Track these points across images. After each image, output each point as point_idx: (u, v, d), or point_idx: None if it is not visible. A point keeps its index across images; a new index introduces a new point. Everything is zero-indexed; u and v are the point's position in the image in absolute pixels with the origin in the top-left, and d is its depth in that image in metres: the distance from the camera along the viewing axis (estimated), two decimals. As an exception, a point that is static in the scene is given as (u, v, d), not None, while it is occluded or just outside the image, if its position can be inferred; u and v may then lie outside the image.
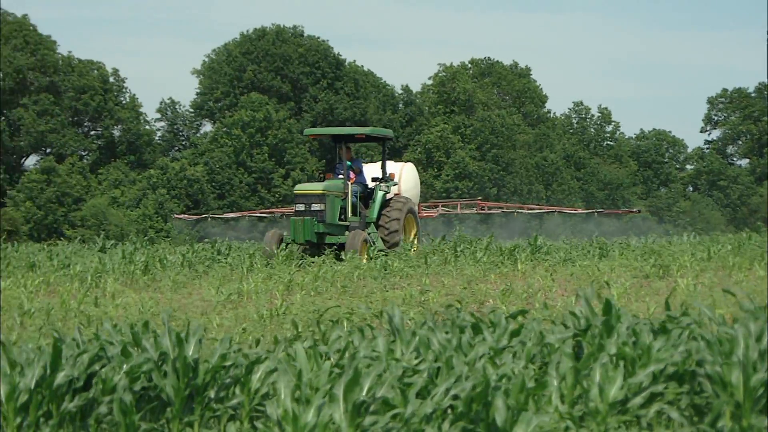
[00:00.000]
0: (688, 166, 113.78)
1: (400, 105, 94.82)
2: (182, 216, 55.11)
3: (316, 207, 26.38)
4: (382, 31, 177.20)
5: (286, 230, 27.40)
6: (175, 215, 59.74)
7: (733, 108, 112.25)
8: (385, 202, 27.59)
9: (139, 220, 73.37)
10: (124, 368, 8.65)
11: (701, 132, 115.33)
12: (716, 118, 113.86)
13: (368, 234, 26.53)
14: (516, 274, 21.46)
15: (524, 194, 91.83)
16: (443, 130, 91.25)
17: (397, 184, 28.79)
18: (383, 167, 28.21)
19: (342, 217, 26.85)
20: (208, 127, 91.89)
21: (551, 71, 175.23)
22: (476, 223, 67.79)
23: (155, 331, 9.03)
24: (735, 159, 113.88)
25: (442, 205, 46.52)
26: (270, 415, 7.62)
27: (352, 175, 27.56)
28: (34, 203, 73.20)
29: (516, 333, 9.27)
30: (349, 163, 27.63)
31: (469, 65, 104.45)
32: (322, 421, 7.29)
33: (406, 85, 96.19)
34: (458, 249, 26.18)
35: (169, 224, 68.08)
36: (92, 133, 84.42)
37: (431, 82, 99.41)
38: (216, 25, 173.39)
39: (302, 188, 27.06)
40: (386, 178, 27.80)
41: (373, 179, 27.76)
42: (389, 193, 27.81)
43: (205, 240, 33.39)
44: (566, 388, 8.26)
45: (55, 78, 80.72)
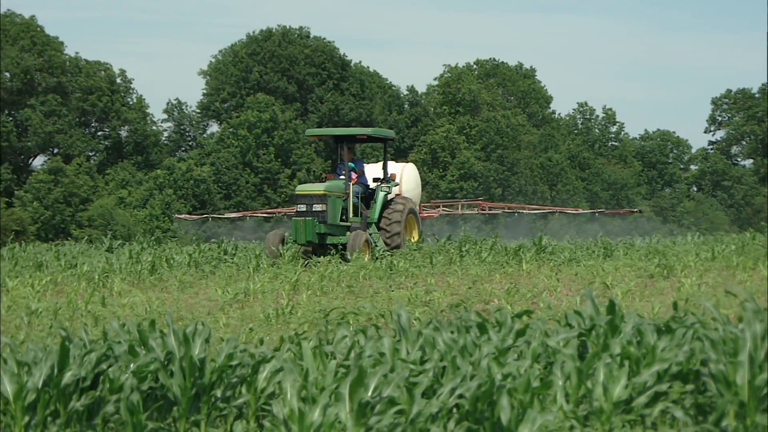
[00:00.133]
0: (693, 167, 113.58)
1: (406, 105, 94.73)
2: (183, 216, 55.08)
3: (317, 207, 26.27)
4: (388, 32, 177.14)
5: (289, 230, 27.32)
6: (176, 215, 59.78)
7: (737, 108, 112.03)
8: (387, 203, 27.49)
9: (146, 220, 73.42)
10: (131, 368, 8.68)
11: (705, 132, 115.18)
12: (720, 118, 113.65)
13: (369, 234, 26.44)
14: (521, 274, 21.46)
15: (529, 194, 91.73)
16: (448, 131, 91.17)
17: (398, 184, 28.71)
18: (385, 168, 28.14)
19: (343, 217, 26.76)
20: (214, 127, 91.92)
21: (556, 72, 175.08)
22: (481, 224, 67.78)
23: (162, 330, 9.06)
24: (739, 159, 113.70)
25: (444, 206, 46.47)
26: (276, 414, 7.65)
27: (353, 175, 27.45)
28: (42, 203, 73.27)
29: (521, 333, 9.29)
30: (351, 164, 27.53)
31: (474, 66, 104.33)
32: (328, 420, 7.33)
33: (412, 86, 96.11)
34: (463, 249, 26.18)
35: (176, 224, 68.09)
36: (99, 133, 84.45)
37: (436, 83, 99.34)
38: (222, 26, 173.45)
39: (304, 189, 26.97)
40: (387, 179, 27.71)
41: (375, 180, 27.65)
42: (390, 193, 27.72)
43: (212, 240, 33.40)
44: (571, 388, 8.29)
45: (63, 79, 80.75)
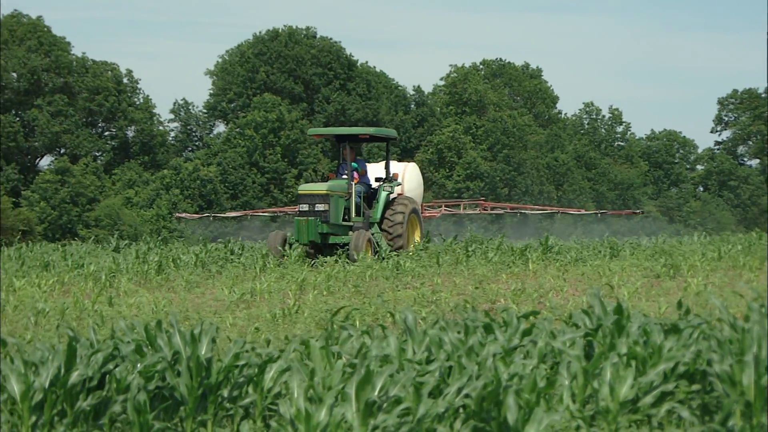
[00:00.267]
0: (699, 167, 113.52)
1: (412, 105, 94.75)
2: (184, 215, 55.18)
3: (320, 207, 26.16)
4: (395, 32, 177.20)
5: (291, 230, 27.22)
6: (177, 214, 59.84)
7: (744, 108, 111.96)
8: (389, 203, 27.44)
9: (153, 220, 73.50)
10: (138, 367, 8.69)
11: (712, 132, 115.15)
12: (726, 118, 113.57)
13: (372, 234, 26.37)
14: (527, 274, 21.46)
15: (535, 195, 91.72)
16: (455, 131, 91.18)
17: (400, 184, 28.63)
18: (387, 167, 28.09)
19: (346, 217, 26.65)
20: (221, 127, 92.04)
21: (562, 72, 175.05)
22: (487, 224, 67.77)
23: (169, 330, 9.06)
24: (745, 159, 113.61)
25: (446, 205, 46.49)
26: (283, 414, 7.66)
27: (356, 175, 27.38)
28: (49, 203, 73.39)
29: (527, 332, 9.29)
30: (354, 164, 27.44)
31: (481, 66, 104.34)
32: (335, 420, 7.33)
33: (418, 86, 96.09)
34: (470, 249, 26.17)
35: (182, 224, 68.15)
36: (106, 133, 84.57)
37: (443, 83, 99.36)
38: (229, 26, 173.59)
39: (306, 188, 26.86)
40: (390, 179, 27.64)
41: (377, 179, 27.57)
42: (393, 193, 27.65)
43: (218, 240, 33.40)
44: (577, 388, 8.29)
45: (69, 79, 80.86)
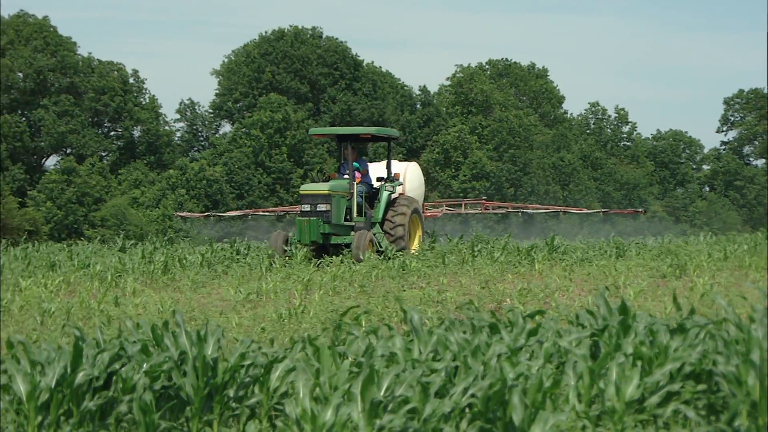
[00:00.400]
0: (705, 167, 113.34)
1: (418, 105, 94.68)
2: (184, 214, 55.33)
3: (321, 207, 26.06)
4: (400, 32, 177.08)
5: (293, 231, 27.12)
6: (177, 213, 59.83)
7: (750, 108, 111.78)
8: (391, 202, 27.38)
9: (159, 220, 73.53)
10: (144, 367, 8.70)
11: (717, 132, 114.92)
12: (732, 118, 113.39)
13: (374, 234, 26.31)
14: (533, 274, 21.44)
15: (541, 194, 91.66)
16: (461, 131, 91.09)
17: (402, 184, 28.56)
18: (388, 167, 28.02)
19: (347, 217, 26.58)
20: (227, 127, 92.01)
21: (568, 72, 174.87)
22: (494, 224, 67.76)
23: (175, 330, 9.07)
24: (751, 159, 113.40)
25: (447, 205, 46.49)
26: (289, 413, 7.67)
27: (357, 175, 27.33)
28: (55, 203, 73.44)
29: (533, 332, 9.29)
30: (356, 164, 27.39)
31: (487, 66, 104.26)
32: (341, 420, 7.34)
33: (424, 86, 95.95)
34: (475, 249, 26.15)
35: (188, 224, 68.16)
36: (112, 133, 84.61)
37: (449, 83, 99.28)
38: (235, 26, 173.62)
39: (308, 188, 26.76)
40: (391, 178, 27.57)
41: (378, 179, 27.51)
42: (394, 193, 27.59)
43: (224, 240, 33.42)
44: (583, 387, 8.28)
45: (76, 79, 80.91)
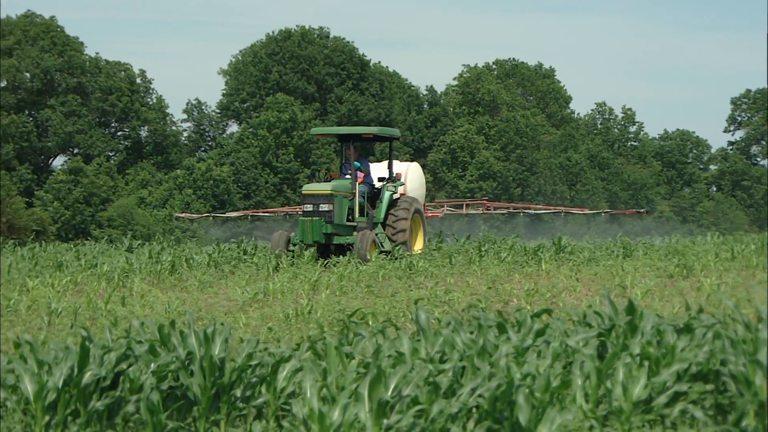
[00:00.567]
0: (712, 167, 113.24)
1: (425, 106, 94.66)
2: (183, 215, 55.45)
3: (324, 207, 25.98)
4: (407, 32, 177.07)
5: (295, 231, 27.05)
6: (176, 214, 59.89)
7: (757, 108, 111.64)
8: (392, 203, 27.37)
9: (166, 220, 73.60)
10: (152, 367, 8.70)
11: (725, 132, 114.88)
12: (740, 118, 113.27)
13: (376, 235, 26.27)
14: (540, 274, 21.43)
15: (548, 195, 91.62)
16: (468, 131, 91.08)
17: (404, 184, 28.52)
18: (390, 167, 27.99)
19: (350, 217, 26.53)
20: (234, 127, 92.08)
21: (576, 72, 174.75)
22: (500, 224, 67.76)
23: (183, 330, 9.07)
24: (758, 159, 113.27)
25: (448, 205, 46.52)
26: (296, 413, 7.66)
27: (359, 175, 27.31)
28: (62, 203, 73.54)
29: (541, 332, 9.28)
30: (357, 163, 27.36)
31: (494, 66, 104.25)
32: (348, 420, 7.33)
33: (431, 86, 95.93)
34: (482, 249, 26.14)
35: (195, 224, 68.21)
36: (119, 133, 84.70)
37: (456, 83, 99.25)
38: (242, 26, 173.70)
39: (310, 188, 26.62)
40: (393, 178, 27.54)
41: (380, 179, 27.49)
42: (396, 193, 27.55)
43: (231, 240, 33.43)
44: (590, 387, 8.28)
45: (83, 79, 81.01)
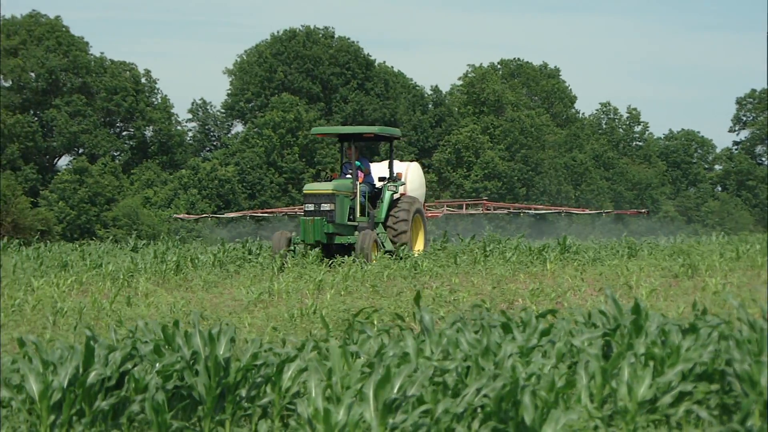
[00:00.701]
0: (717, 166, 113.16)
1: (430, 105, 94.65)
2: (182, 216, 55.51)
3: (325, 207, 25.92)
4: (412, 32, 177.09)
5: (295, 231, 27.03)
6: (175, 215, 60.00)
7: (762, 108, 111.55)
8: (393, 202, 27.35)
9: (171, 219, 73.65)
10: (157, 367, 8.71)
11: (730, 132, 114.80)
12: (745, 118, 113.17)
13: (377, 234, 26.25)
14: (545, 274, 21.42)
15: (553, 194, 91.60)
16: (472, 131, 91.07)
17: (404, 183, 28.51)
18: (390, 167, 27.98)
19: (351, 217, 26.50)
20: (239, 127, 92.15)
21: (580, 72, 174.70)
22: (505, 224, 67.78)
23: (188, 330, 9.07)
24: (763, 159, 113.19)
25: (448, 205, 46.55)
26: (301, 413, 7.67)
27: (360, 174, 27.30)
28: (67, 203, 73.61)
29: (546, 332, 9.28)
30: (358, 163, 27.35)
31: (499, 66, 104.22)
32: (353, 419, 7.33)
33: (436, 86, 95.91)
34: (487, 249, 26.14)
35: (200, 224, 68.24)
36: (124, 133, 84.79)
37: (460, 83, 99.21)
38: (247, 26, 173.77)
39: (312, 188, 26.59)
40: (394, 178, 27.52)
41: (380, 179, 27.48)
42: (397, 193, 27.55)
43: (236, 240, 33.44)
44: (595, 387, 8.28)
45: (88, 79, 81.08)
